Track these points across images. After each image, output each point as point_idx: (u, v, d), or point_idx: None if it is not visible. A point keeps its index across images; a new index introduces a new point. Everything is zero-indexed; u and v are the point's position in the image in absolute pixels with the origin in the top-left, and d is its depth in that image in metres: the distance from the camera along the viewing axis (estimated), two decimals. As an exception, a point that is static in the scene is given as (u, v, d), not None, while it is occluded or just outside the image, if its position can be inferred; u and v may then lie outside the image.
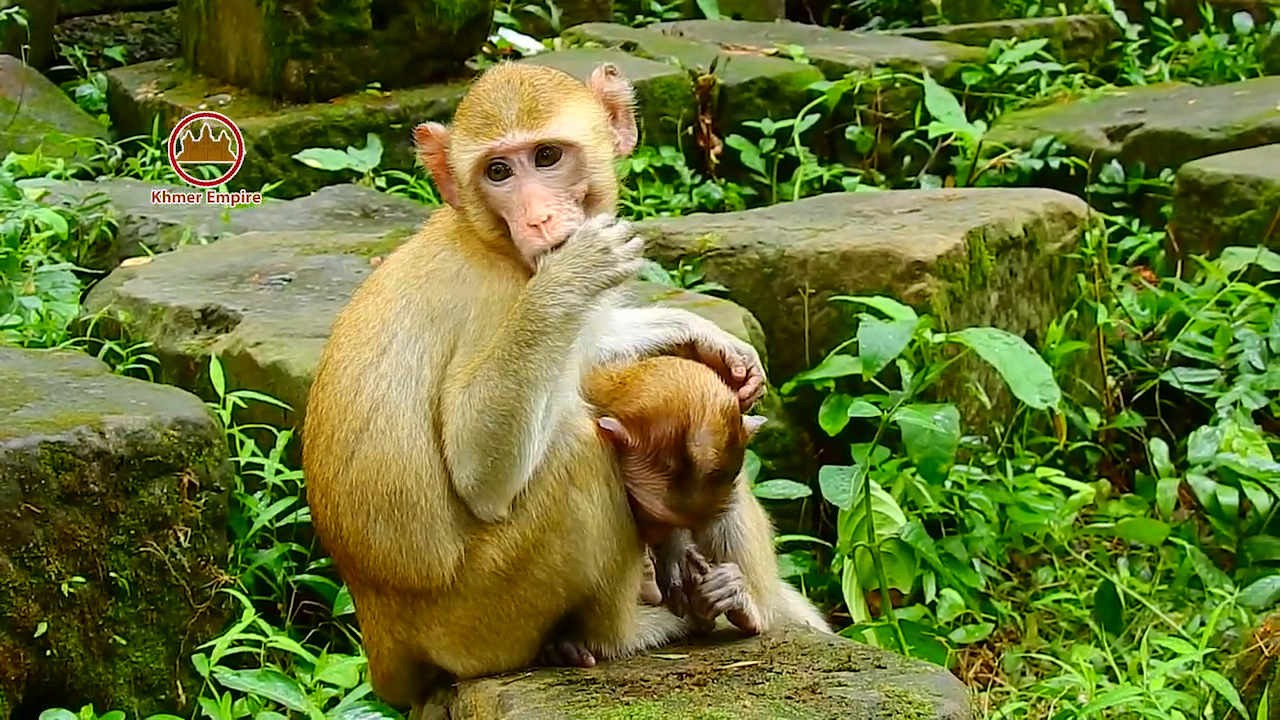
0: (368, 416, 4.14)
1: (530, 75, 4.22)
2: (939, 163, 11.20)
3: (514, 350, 3.99)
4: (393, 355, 4.15)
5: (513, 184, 4.13)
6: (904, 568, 5.89)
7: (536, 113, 4.12)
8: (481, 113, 4.16)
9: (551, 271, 4.02)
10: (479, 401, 4.00)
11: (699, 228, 7.63)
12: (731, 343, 4.53)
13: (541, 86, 4.18)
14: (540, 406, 4.01)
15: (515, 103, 4.13)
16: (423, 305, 4.17)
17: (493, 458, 4.02)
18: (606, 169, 4.23)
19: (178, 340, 6.89)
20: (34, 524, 5.30)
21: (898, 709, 3.84)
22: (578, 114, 4.18)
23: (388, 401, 4.12)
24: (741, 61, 12.12)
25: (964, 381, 6.99)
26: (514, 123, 4.11)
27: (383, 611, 4.26)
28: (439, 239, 4.29)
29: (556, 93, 4.18)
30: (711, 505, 4.26)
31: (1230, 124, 10.52)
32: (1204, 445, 7.16)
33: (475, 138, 4.15)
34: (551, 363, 4.00)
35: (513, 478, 4.05)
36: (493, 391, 3.99)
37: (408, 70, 11.38)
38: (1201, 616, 6.39)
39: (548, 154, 4.13)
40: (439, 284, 4.18)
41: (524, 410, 3.99)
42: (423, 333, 4.14)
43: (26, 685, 5.36)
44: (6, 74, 11.67)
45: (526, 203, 4.09)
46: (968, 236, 7.20)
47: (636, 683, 4.01)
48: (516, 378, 3.98)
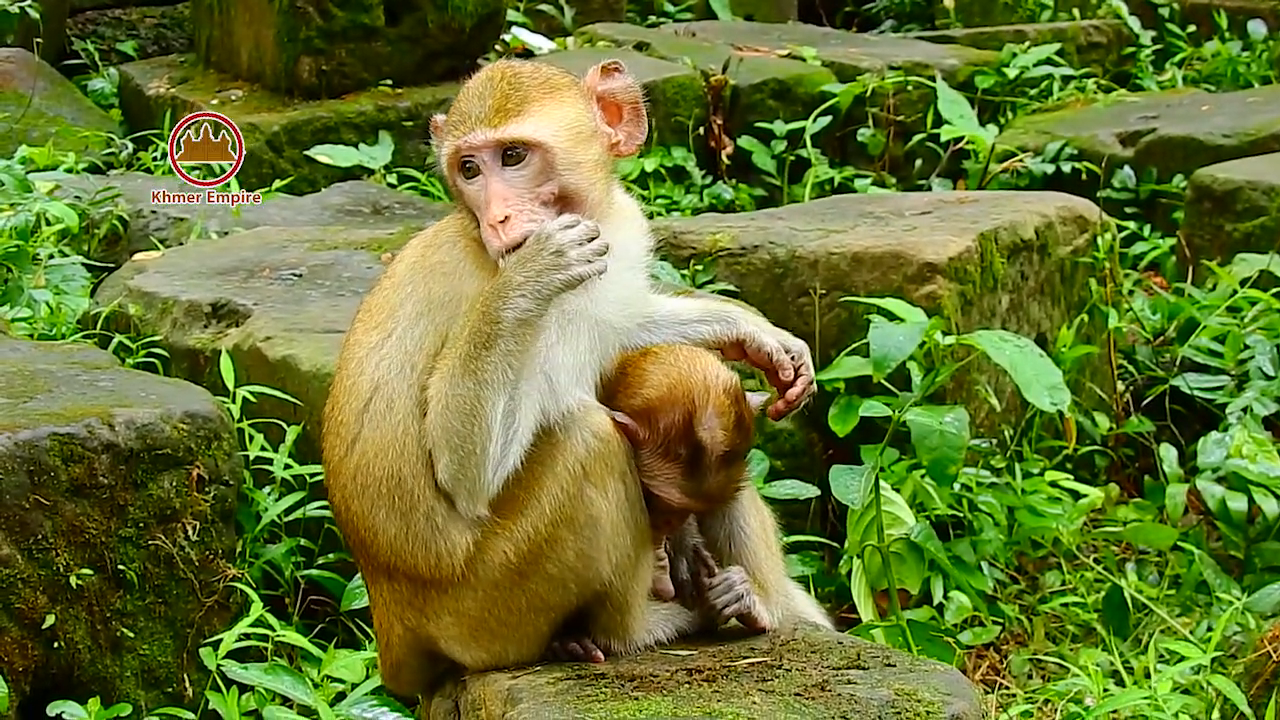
0: (368, 398, 4.14)
1: (513, 73, 4.18)
2: (950, 166, 11.20)
3: (471, 351, 3.96)
4: (394, 340, 4.14)
5: (480, 182, 4.10)
6: (913, 568, 5.89)
7: (504, 111, 4.07)
8: (459, 109, 4.14)
9: (506, 274, 3.98)
10: (445, 398, 3.99)
11: (710, 227, 7.63)
12: (780, 342, 4.48)
13: (520, 85, 4.13)
14: (498, 408, 3.96)
15: (487, 100, 4.09)
16: (424, 295, 4.17)
17: (459, 454, 3.99)
18: (584, 170, 4.14)
19: (188, 334, 6.90)
20: (43, 516, 5.31)
21: (907, 707, 3.83)
22: (550, 114, 4.11)
23: (387, 384, 4.11)
24: (754, 62, 12.13)
25: (973, 384, 6.98)
26: (480, 120, 4.07)
27: (394, 598, 4.25)
28: (447, 231, 4.28)
29: (535, 91, 4.13)
30: (727, 487, 4.26)
31: (1243, 130, 10.52)
32: (1213, 451, 7.15)
33: (449, 134, 4.14)
34: (507, 366, 3.96)
35: (482, 477, 4.00)
36: (455, 389, 3.97)
37: (420, 67, 11.38)
38: (1209, 622, 6.38)
39: (513, 153, 4.08)
40: (440, 276, 4.18)
41: (483, 410, 3.95)
42: (420, 320, 4.13)
43: (34, 676, 5.36)
44: (19, 67, 11.69)
45: (488, 202, 4.06)
46: (979, 239, 7.19)
47: (646, 678, 4.00)
48: (475, 378, 3.95)
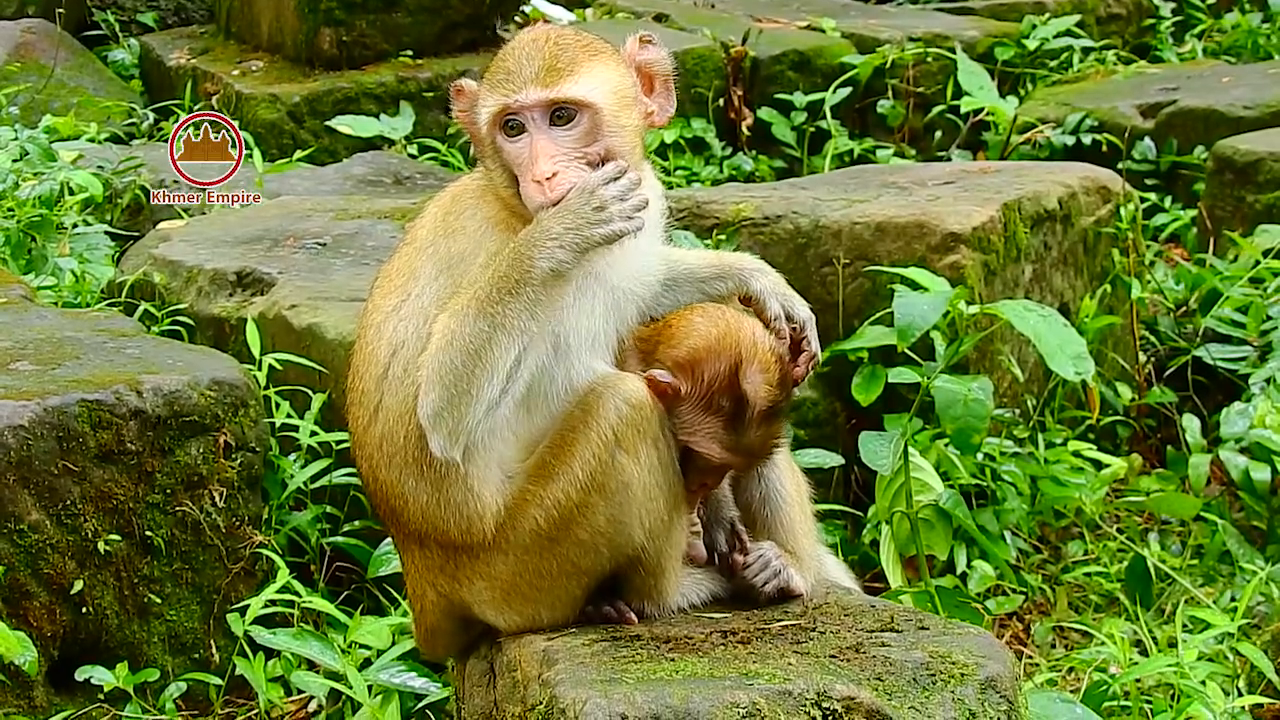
0: (387, 363, 4.15)
1: (559, 35, 4.20)
2: (970, 138, 11.18)
3: (494, 294, 3.97)
4: (412, 300, 4.15)
5: (525, 140, 4.11)
6: (941, 535, 5.89)
7: (555, 70, 4.09)
8: (504, 69, 4.15)
9: (545, 224, 4.00)
10: (450, 335, 3.98)
11: (733, 197, 7.62)
12: (784, 308, 4.47)
13: (566, 46, 4.15)
14: (510, 354, 3.98)
15: (536, 60, 4.10)
16: (444, 254, 4.17)
17: (450, 392, 3.98)
18: (628, 134, 4.18)
19: (213, 303, 6.91)
20: (71, 482, 5.33)
21: (942, 669, 3.84)
22: (600, 76, 4.14)
23: (405, 346, 4.12)
24: (773, 34, 12.11)
25: (997, 354, 6.98)
26: (531, 79, 4.08)
27: (426, 565, 4.26)
28: (467, 196, 4.29)
29: (581, 54, 4.15)
30: (766, 443, 4.27)
31: (1264, 102, 10.48)
32: (1236, 421, 7.15)
33: (493, 92, 4.14)
34: (531, 315, 3.98)
35: (466, 418, 4.00)
36: (465, 328, 3.97)
37: (440, 38, 11.39)
38: (1232, 592, 6.38)
39: (562, 113, 4.10)
40: (461, 236, 4.18)
41: (491, 354, 3.96)
42: (439, 277, 4.14)
43: (62, 642, 5.40)
44: (40, 39, 11.72)
45: (534, 158, 4.07)
46: (1003, 209, 7.17)
47: (680, 640, 4.02)
48: (491, 321, 3.95)
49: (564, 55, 4.12)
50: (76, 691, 5.38)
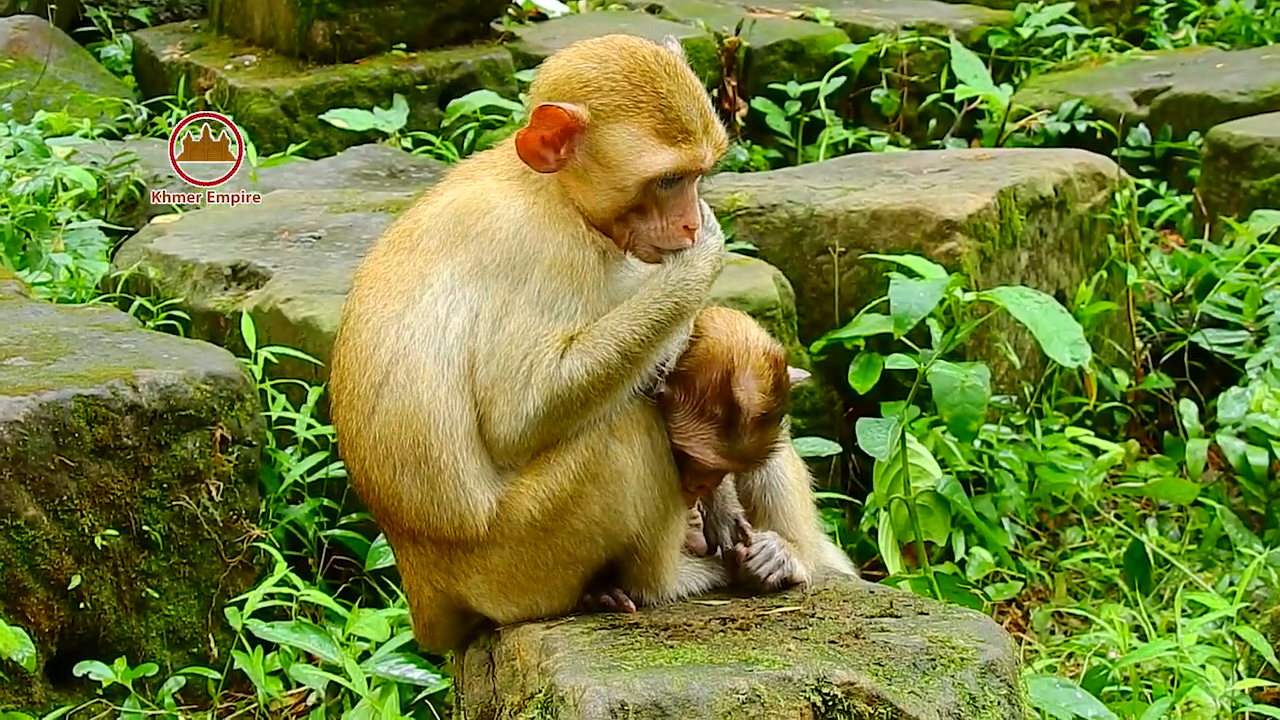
0: (387, 369, 4.08)
1: (689, 73, 4.14)
2: (964, 126, 11.18)
3: (641, 333, 3.99)
4: (421, 307, 4.07)
5: (679, 188, 4.09)
6: (939, 521, 5.90)
7: (715, 128, 4.10)
8: (677, 120, 4.03)
9: (698, 266, 4.05)
10: (585, 371, 3.97)
11: (728, 186, 7.62)
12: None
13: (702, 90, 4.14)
14: (630, 389, 4.07)
15: (703, 115, 4.07)
16: (472, 263, 4.06)
17: (565, 421, 4.02)
18: None
19: (208, 297, 6.91)
20: (67, 477, 5.33)
21: (942, 654, 3.84)
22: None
23: (409, 354, 4.05)
24: (767, 24, 12.11)
25: (993, 341, 6.98)
26: (705, 138, 4.06)
27: (421, 561, 4.25)
28: (488, 198, 4.13)
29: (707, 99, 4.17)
30: (762, 449, 4.24)
31: (1258, 88, 10.50)
32: (1234, 406, 7.16)
33: (673, 146, 4.03)
34: (666, 350, 4.09)
35: (559, 440, 4.05)
36: (604, 366, 3.98)
37: (433, 31, 11.37)
38: (1231, 576, 6.39)
39: None
40: (491, 243, 4.05)
41: (624, 390, 4.04)
42: (465, 287, 4.04)
43: (60, 637, 5.39)
44: (33, 35, 11.71)
45: (689, 209, 4.08)
46: (998, 196, 7.18)
47: (679, 627, 4.01)
48: (634, 359, 4.00)
49: (709, 104, 4.12)
50: (75, 687, 5.37)
